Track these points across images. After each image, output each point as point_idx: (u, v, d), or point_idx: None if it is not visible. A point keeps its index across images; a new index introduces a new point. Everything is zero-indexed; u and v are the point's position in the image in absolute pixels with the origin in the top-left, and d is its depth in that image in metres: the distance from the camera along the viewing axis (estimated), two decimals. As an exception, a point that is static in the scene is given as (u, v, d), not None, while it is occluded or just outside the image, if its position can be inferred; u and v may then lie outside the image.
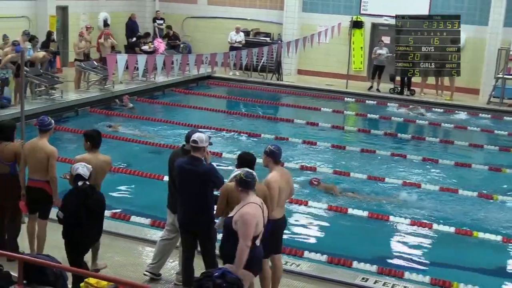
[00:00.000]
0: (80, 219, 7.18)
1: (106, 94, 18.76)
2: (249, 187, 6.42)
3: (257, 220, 6.30)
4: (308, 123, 17.77)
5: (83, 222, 7.19)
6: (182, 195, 7.31)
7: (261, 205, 6.46)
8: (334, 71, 23.93)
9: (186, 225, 7.36)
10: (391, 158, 14.98)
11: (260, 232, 6.43)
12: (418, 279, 8.77)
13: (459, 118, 19.65)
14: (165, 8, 26.39)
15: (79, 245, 7.34)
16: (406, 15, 21.77)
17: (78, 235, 7.25)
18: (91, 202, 7.24)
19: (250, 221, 6.25)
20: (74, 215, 7.19)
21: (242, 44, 22.98)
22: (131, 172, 12.67)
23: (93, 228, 7.39)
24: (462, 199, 12.43)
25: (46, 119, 8.29)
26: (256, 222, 6.29)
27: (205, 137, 7.28)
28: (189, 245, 7.47)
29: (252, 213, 6.29)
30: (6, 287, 5.82)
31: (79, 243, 7.32)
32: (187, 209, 7.26)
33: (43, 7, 21.45)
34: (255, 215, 6.30)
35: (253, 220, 6.26)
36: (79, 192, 7.25)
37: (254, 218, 6.27)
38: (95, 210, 7.31)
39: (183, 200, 7.33)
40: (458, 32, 21.44)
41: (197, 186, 7.16)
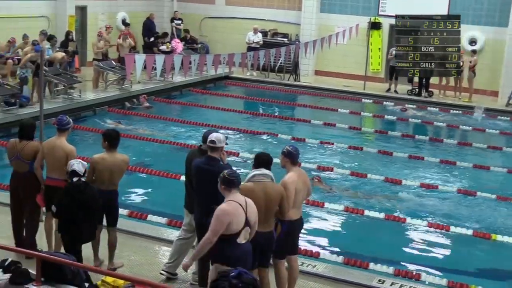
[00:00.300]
0: (75, 215, 7.31)
1: (124, 93, 18.85)
2: (231, 185, 6.42)
3: (231, 218, 6.26)
4: (325, 124, 17.73)
5: (78, 217, 7.31)
6: (199, 195, 7.32)
7: (243, 204, 6.41)
8: (352, 72, 23.86)
9: (202, 225, 7.35)
10: (409, 159, 14.91)
11: (243, 231, 6.39)
12: (435, 282, 8.71)
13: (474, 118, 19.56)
14: (183, 8, 26.46)
15: (75, 240, 7.46)
16: (406, 15, 21.75)
17: (73, 230, 7.37)
18: (85, 198, 7.37)
19: (221, 217, 6.25)
20: (69, 210, 7.32)
21: (260, 45, 22.99)
22: (148, 171, 12.72)
23: (88, 223, 7.50)
24: (480, 202, 12.34)
25: (64, 118, 8.35)
26: (230, 220, 6.26)
27: (223, 137, 7.28)
28: None
29: (226, 210, 6.28)
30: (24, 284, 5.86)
31: (74, 238, 7.44)
32: (204, 209, 7.27)
33: (62, 7, 21.61)
34: (229, 212, 6.27)
35: (224, 217, 6.25)
36: (74, 188, 7.39)
37: (226, 216, 6.26)
38: (89, 206, 7.42)
39: (200, 200, 7.34)
40: (458, 32, 21.31)
41: (214, 186, 7.15)
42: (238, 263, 6.20)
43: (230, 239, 6.31)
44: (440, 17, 21.50)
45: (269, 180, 7.05)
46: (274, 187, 7.01)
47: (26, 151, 8.20)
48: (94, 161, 8.02)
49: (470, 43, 22.44)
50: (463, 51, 21.57)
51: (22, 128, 8.42)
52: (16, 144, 8.30)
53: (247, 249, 6.51)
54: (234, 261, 6.25)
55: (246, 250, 6.50)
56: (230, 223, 6.27)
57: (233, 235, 6.33)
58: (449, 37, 21.35)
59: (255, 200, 6.89)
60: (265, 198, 6.92)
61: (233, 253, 6.36)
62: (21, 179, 8.25)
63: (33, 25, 19.39)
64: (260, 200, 6.89)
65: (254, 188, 6.94)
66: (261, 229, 6.98)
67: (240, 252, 6.43)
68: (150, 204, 11.29)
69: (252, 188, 6.94)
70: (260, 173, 7.03)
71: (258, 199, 6.89)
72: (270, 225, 7.09)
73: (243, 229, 6.39)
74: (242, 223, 6.35)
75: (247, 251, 6.51)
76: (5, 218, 8.95)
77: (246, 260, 6.49)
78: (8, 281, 5.89)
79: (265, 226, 7.02)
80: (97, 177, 8.00)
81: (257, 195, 6.90)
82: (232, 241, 6.33)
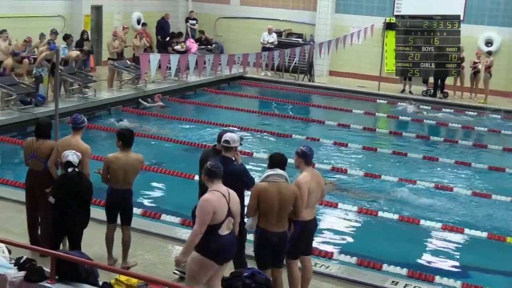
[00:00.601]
0: (69, 206, 7.41)
1: (139, 93, 18.91)
2: (213, 176, 6.46)
3: (215, 208, 6.30)
4: (340, 124, 17.70)
5: (71, 208, 7.43)
6: None
7: (226, 194, 6.44)
8: (366, 73, 23.79)
9: None
10: (423, 161, 14.85)
11: (225, 221, 6.41)
12: (449, 284, 8.67)
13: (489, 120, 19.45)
14: (198, 8, 26.50)
15: (67, 230, 7.60)
16: (406, 15, 21.68)
17: (67, 221, 7.48)
18: (80, 188, 7.48)
19: (206, 207, 6.28)
20: (63, 201, 7.42)
21: (274, 45, 22.98)
22: (162, 171, 12.75)
23: (81, 214, 7.62)
24: (495, 204, 12.26)
25: (79, 117, 8.39)
26: (214, 209, 6.29)
27: (237, 137, 7.29)
28: None
29: (209, 200, 6.32)
30: (39, 282, 5.90)
31: (66, 229, 7.58)
32: None
33: (78, 6, 21.73)
34: (213, 202, 6.31)
35: (209, 207, 6.28)
36: (68, 178, 7.49)
37: (210, 205, 6.29)
38: (83, 196, 7.55)
39: None
40: (458, 32, 21.24)
41: (227, 186, 7.16)
42: (220, 255, 6.33)
43: (212, 229, 6.31)
44: (440, 17, 21.44)
45: (284, 180, 7.06)
46: (288, 187, 7.02)
47: (42, 150, 8.25)
48: (108, 160, 8.06)
49: (486, 44, 22.32)
50: (480, 52, 21.44)
51: (38, 127, 8.47)
52: (33, 142, 8.36)
53: (230, 240, 6.50)
54: (216, 254, 6.33)
55: (229, 241, 6.49)
56: (215, 213, 6.30)
57: (215, 225, 6.34)
58: (449, 37, 21.32)
59: (269, 199, 6.92)
60: (279, 198, 6.94)
61: (216, 245, 6.36)
62: (37, 178, 8.30)
63: (48, 24, 19.50)
64: (274, 200, 6.92)
65: (269, 188, 6.96)
66: (275, 229, 7.00)
67: (223, 243, 6.42)
68: (164, 204, 11.32)
69: (267, 188, 6.96)
70: (275, 173, 7.04)
71: (272, 199, 6.92)
72: (284, 225, 7.10)
73: (226, 219, 6.41)
74: (224, 213, 6.39)
75: (230, 242, 6.51)
76: (20, 216, 9.02)
77: (229, 251, 6.52)
78: (23, 279, 5.94)
79: (279, 226, 7.03)
80: (112, 176, 8.03)
81: (271, 195, 6.92)
82: (214, 232, 6.33)
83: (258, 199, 6.98)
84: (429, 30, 21.36)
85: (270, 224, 7.01)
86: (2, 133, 14.35)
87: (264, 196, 6.93)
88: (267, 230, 7.03)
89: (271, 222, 7.00)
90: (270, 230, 7.01)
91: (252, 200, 7.04)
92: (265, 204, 6.94)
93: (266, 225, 7.03)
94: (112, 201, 8.19)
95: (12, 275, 5.96)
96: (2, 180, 11.43)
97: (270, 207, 6.94)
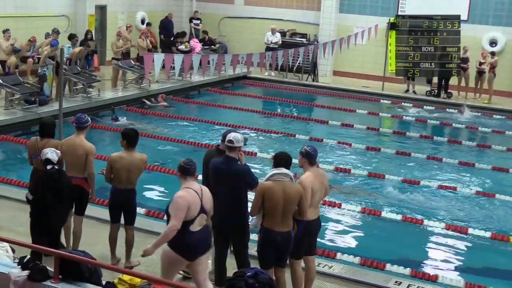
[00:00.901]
0: (47, 202, 7.43)
1: (143, 93, 18.93)
2: (186, 173, 6.62)
3: (189, 204, 6.44)
4: (343, 124, 17.69)
5: (50, 205, 7.45)
6: (216, 195, 7.34)
7: (199, 191, 6.58)
8: (370, 73, 23.79)
9: (219, 226, 7.39)
10: (427, 161, 14.83)
11: (198, 218, 6.55)
12: (452, 284, 8.67)
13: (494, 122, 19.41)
14: (202, 8, 26.52)
15: (45, 228, 7.58)
16: (406, 15, 21.67)
17: (45, 219, 7.50)
18: (59, 186, 7.50)
19: (180, 204, 6.41)
20: (42, 198, 7.45)
21: (278, 45, 22.98)
22: (165, 171, 12.74)
23: (59, 211, 7.65)
24: (499, 204, 12.25)
25: (83, 117, 8.41)
26: (188, 205, 6.43)
27: (241, 137, 7.29)
28: (222, 245, 7.50)
29: (183, 196, 6.46)
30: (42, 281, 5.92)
31: (45, 226, 7.57)
32: (220, 210, 7.29)
33: (82, 6, 21.76)
34: (187, 198, 6.45)
35: (183, 203, 6.42)
36: (48, 176, 7.51)
37: (184, 201, 6.43)
38: (63, 194, 7.57)
39: (216, 200, 7.34)
40: (458, 32, 21.23)
41: (230, 186, 7.19)
42: (191, 251, 6.50)
43: (184, 226, 6.44)
44: (440, 17, 21.44)
45: (289, 179, 7.06)
46: (293, 186, 7.02)
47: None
48: (112, 160, 8.07)
49: (491, 44, 22.29)
50: (485, 52, 21.41)
51: (42, 126, 8.49)
52: (37, 142, 8.37)
53: (202, 236, 6.64)
54: (187, 250, 6.50)
55: (201, 237, 6.64)
56: (188, 209, 6.44)
57: (187, 222, 6.47)
58: (449, 37, 21.31)
59: (273, 199, 6.93)
60: (283, 197, 6.95)
61: (187, 241, 6.51)
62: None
63: (53, 24, 19.52)
64: (279, 199, 6.93)
65: (273, 187, 6.97)
66: (279, 229, 7.01)
67: (194, 240, 6.56)
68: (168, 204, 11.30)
69: (271, 187, 6.97)
70: (280, 173, 7.06)
71: (276, 198, 6.93)
72: (289, 225, 7.10)
73: (198, 216, 6.54)
74: (197, 210, 6.53)
75: (201, 238, 6.65)
76: (24, 215, 9.02)
77: (201, 247, 6.66)
78: (26, 278, 5.95)
79: (283, 226, 7.04)
80: (115, 176, 8.05)
81: (276, 194, 6.93)
82: (186, 228, 6.46)
83: (263, 198, 7.00)
84: (429, 30, 21.36)
85: (275, 223, 7.02)
86: (6, 132, 14.38)
87: (268, 195, 6.95)
88: (271, 230, 7.03)
89: (275, 221, 7.01)
90: (275, 230, 7.02)
91: (257, 199, 7.06)
92: (269, 203, 6.95)
93: (271, 225, 7.04)
94: (115, 201, 8.20)
95: (16, 274, 5.98)
96: (6, 180, 11.45)
97: (274, 206, 6.95)
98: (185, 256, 6.56)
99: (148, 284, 5.84)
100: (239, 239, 7.43)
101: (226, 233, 7.41)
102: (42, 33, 18.78)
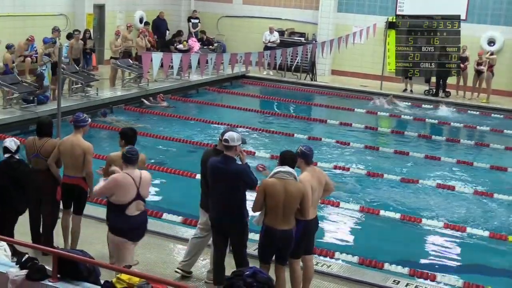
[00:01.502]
0: (6, 190, 7.61)
1: (141, 92, 18.92)
2: (128, 162, 7.08)
3: (116, 187, 6.98)
4: (342, 123, 17.70)
5: (9, 194, 7.63)
6: (214, 194, 7.35)
7: (137, 179, 7.05)
8: (369, 72, 23.79)
9: (217, 225, 7.39)
10: (425, 160, 14.84)
11: (133, 203, 7.05)
12: (450, 283, 8.68)
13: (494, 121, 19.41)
14: (200, 7, 26.51)
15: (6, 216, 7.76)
16: (406, 15, 21.68)
17: (5, 208, 7.65)
18: (17, 175, 7.68)
19: (109, 183, 7.03)
20: (2, 187, 7.60)
21: (276, 44, 22.96)
22: (164, 170, 12.75)
23: (19, 200, 7.81)
24: (497, 203, 12.26)
25: (81, 115, 8.40)
26: (115, 188, 6.99)
27: (237, 136, 7.27)
28: (220, 244, 7.49)
29: (115, 178, 7.02)
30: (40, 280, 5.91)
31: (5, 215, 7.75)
32: (218, 209, 7.29)
33: (81, 5, 21.75)
34: (118, 181, 6.99)
35: (112, 184, 7.00)
36: (6, 165, 7.68)
37: (114, 184, 6.99)
38: (21, 182, 7.75)
39: (214, 200, 7.36)
40: (458, 32, 21.24)
41: (228, 185, 7.18)
42: (129, 233, 7.05)
43: (119, 209, 7.03)
44: (440, 17, 21.44)
45: (292, 178, 7.06)
46: (295, 185, 7.02)
47: (46, 148, 8.24)
48: (110, 159, 8.05)
49: (489, 43, 22.29)
50: (482, 52, 21.41)
51: (40, 125, 8.45)
52: (35, 141, 8.34)
53: (140, 220, 7.19)
54: (126, 232, 7.07)
55: (140, 221, 7.19)
56: (116, 192, 6.99)
57: (121, 206, 7.03)
58: (449, 37, 21.32)
59: (274, 195, 6.93)
60: (285, 195, 6.95)
61: (124, 224, 7.05)
62: (39, 177, 8.28)
63: (51, 23, 19.48)
64: (280, 196, 6.94)
65: (275, 184, 6.99)
66: (279, 227, 7.02)
67: (133, 223, 7.09)
68: (166, 203, 11.32)
69: (274, 184, 6.99)
70: (284, 171, 7.06)
71: (278, 195, 6.94)
72: (290, 223, 7.10)
73: (134, 202, 7.05)
74: (132, 196, 7.03)
75: (141, 222, 7.21)
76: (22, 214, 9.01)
77: (140, 229, 7.24)
78: (25, 277, 5.94)
79: (284, 224, 7.04)
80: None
81: (277, 191, 6.94)
82: (121, 211, 7.02)
83: (265, 194, 7.00)
84: (429, 30, 21.37)
85: (276, 221, 7.02)
86: (4, 131, 14.35)
87: (270, 191, 6.95)
88: (272, 228, 7.04)
89: (277, 219, 7.01)
90: (276, 228, 7.02)
91: (259, 195, 7.07)
92: (270, 200, 6.96)
93: (272, 222, 7.04)
94: None
95: (14, 273, 5.97)
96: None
97: (275, 203, 6.96)
98: (128, 238, 7.11)
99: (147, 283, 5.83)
100: (238, 238, 7.42)
101: (225, 232, 7.40)
102: (40, 32, 18.75)
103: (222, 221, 7.32)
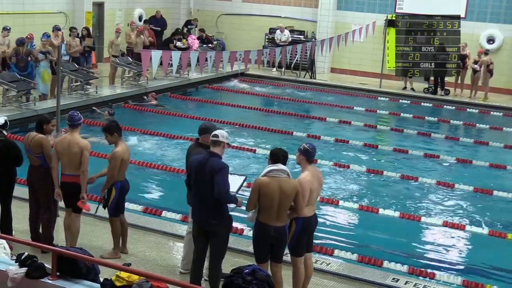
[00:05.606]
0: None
1: (140, 89, 18.91)
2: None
3: None
4: (341, 121, 17.70)
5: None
6: (195, 191, 7.17)
7: None
8: (368, 70, 23.80)
9: (198, 223, 7.19)
10: (424, 158, 14.85)
11: None
12: (449, 280, 8.68)
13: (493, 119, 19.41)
14: (199, 5, 26.50)
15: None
16: (406, 14, 21.69)
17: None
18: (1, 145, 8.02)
19: None
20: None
21: (288, 43, 22.85)
22: (163, 168, 12.76)
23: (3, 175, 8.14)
24: (496, 201, 12.27)
25: (75, 114, 8.39)
26: None
27: (226, 133, 7.19)
28: (201, 244, 7.26)
29: None
30: (40, 278, 5.91)
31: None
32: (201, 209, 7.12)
33: (80, 3, 21.75)
34: None
35: None
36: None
37: None
38: (7, 155, 8.13)
39: (198, 196, 7.15)
40: (458, 32, 21.25)
41: (208, 182, 6.96)
42: None
43: None
44: (440, 17, 21.45)
45: (285, 175, 7.05)
46: (289, 182, 7.02)
47: (33, 144, 8.30)
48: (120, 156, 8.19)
49: (488, 41, 22.29)
50: (482, 50, 21.41)
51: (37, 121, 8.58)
52: (28, 137, 8.44)
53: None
54: None
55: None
56: None
57: None
58: (449, 37, 21.32)
59: (269, 194, 6.92)
60: (279, 193, 6.94)
61: None
62: (35, 173, 8.35)
63: (50, 21, 19.49)
64: (275, 194, 6.93)
65: (270, 183, 6.97)
66: (273, 223, 7.01)
67: None
68: (165, 201, 11.32)
69: (268, 182, 6.97)
70: (277, 169, 7.05)
71: (273, 193, 6.93)
72: (284, 220, 7.10)
73: None
74: None
75: None
76: (22, 212, 9.03)
77: None
78: (24, 275, 5.94)
79: (278, 221, 7.04)
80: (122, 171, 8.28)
81: (272, 190, 6.93)
82: None
83: (259, 193, 6.99)
84: (429, 30, 21.37)
85: (270, 218, 7.02)
86: (3, 129, 14.33)
87: (265, 191, 6.94)
88: (266, 224, 7.03)
89: (270, 216, 7.01)
90: (269, 224, 7.01)
91: (253, 194, 7.04)
92: (265, 199, 6.95)
93: (266, 219, 7.04)
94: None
95: (13, 271, 5.97)
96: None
97: (270, 202, 6.95)
98: None
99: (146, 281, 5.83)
100: (215, 238, 7.17)
101: (207, 231, 7.18)
102: (40, 30, 18.71)
103: (201, 219, 7.14)
